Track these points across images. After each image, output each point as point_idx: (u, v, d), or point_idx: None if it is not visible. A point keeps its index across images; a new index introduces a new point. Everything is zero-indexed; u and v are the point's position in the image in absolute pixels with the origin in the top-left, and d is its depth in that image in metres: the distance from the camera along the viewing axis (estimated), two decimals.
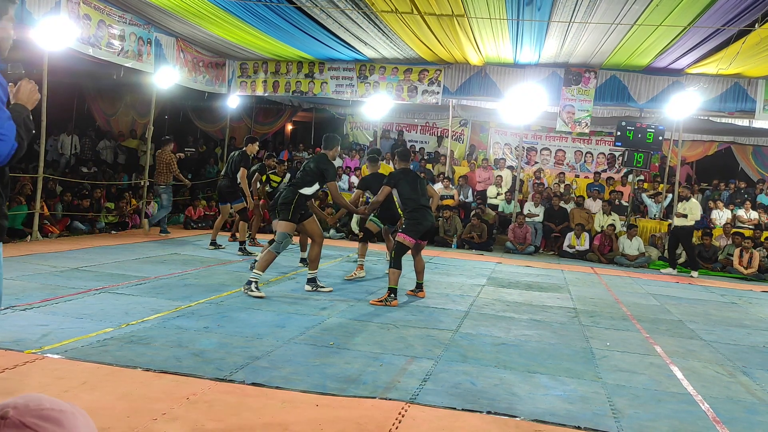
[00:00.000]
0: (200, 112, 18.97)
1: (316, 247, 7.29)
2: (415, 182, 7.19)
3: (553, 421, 3.68)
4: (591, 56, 12.82)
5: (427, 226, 7.11)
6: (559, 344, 5.61)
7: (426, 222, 7.07)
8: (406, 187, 7.10)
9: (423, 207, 7.09)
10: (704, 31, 10.24)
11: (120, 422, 3.19)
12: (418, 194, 7.10)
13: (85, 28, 10.38)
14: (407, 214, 7.12)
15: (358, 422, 3.44)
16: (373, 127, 17.94)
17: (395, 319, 6.13)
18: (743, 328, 7.13)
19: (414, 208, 7.04)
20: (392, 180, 7.20)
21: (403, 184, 7.11)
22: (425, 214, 7.08)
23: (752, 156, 17.42)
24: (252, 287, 6.71)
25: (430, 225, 7.19)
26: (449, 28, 11.22)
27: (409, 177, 7.21)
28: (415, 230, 7.00)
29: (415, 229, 7.00)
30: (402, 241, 6.98)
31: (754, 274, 12.05)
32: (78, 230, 11.23)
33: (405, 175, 7.20)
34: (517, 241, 13.48)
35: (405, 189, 7.10)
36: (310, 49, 14.01)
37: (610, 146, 16.82)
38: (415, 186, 7.13)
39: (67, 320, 5.16)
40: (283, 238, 6.88)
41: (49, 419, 0.90)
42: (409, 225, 7.05)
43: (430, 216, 7.16)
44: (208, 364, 4.26)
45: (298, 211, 6.99)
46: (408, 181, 7.13)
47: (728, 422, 3.89)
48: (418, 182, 7.23)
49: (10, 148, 2.47)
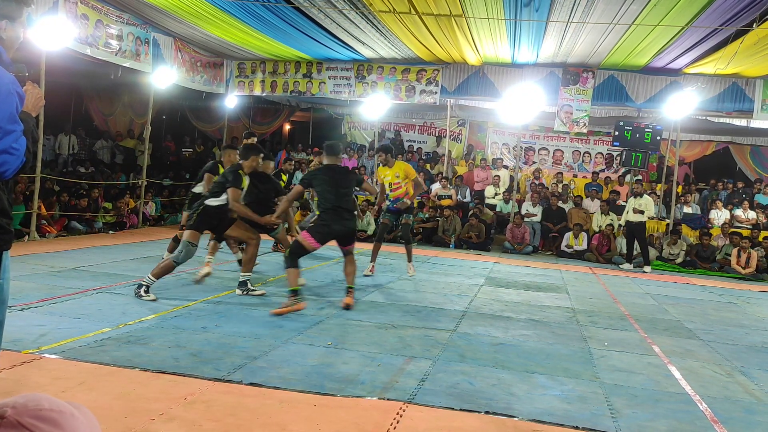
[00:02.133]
0: (198, 111, 18.97)
1: (251, 248, 6.89)
2: (339, 181, 6.50)
3: (551, 421, 3.67)
4: (589, 56, 12.83)
5: (336, 230, 6.41)
6: (557, 344, 5.61)
7: (335, 226, 6.38)
8: (323, 185, 6.48)
9: (337, 209, 6.39)
10: (702, 31, 10.25)
11: (117, 422, 3.18)
12: (335, 194, 6.41)
13: (82, 28, 10.36)
14: (320, 215, 6.63)
15: (356, 422, 3.44)
16: (371, 127, 17.93)
17: (393, 319, 6.13)
18: (741, 328, 7.14)
19: (326, 208, 6.44)
20: (306, 179, 6.68)
21: (320, 182, 6.50)
22: (337, 216, 6.38)
23: (750, 156, 17.45)
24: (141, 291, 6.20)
25: (341, 230, 6.44)
26: (447, 28, 11.22)
27: (330, 174, 6.53)
28: (320, 233, 6.37)
29: (320, 231, 6.38)
30: (302, 241, 6.30)
31: (752, 273, 12.06)
32: (76, 230, 11.22)
33: (326, 173, 6.55)
34: (515, 241, 13.49)
35: (321, 188, 6.50)
36: (308, 49, 14.00)
37: (608, 146, 16.85)
38: (335, 184, 6.44)
39: (65, 320, 5.15)
40: (184, 246, 6.35)
41: (47, 420, 0.89)
42: (316, 226, 6.52)
43: (344, 220, 6.43)
44: (205, 364, 4.25)
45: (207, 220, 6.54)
46: (327, 180, 6.48)
47: (726, 422, 3.89)
48: (341, 180, 6.53)
49: (20, 162, 2.48)
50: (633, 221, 12.19)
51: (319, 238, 6.34)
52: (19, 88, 2.50)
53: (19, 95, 2.49)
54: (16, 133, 2.44)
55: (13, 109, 2.44)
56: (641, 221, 12.18)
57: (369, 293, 7.39)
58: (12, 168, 2.47)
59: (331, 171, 6.57)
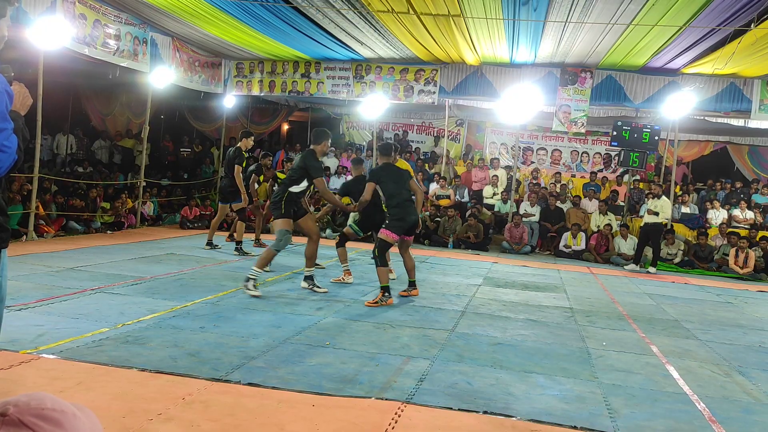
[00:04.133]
0: (196, 111, 18.95)
1: (312, 244, 7.30)
2: (398, 177, 7.13)
3: (550, 420, 3.68)
4: (587, 56, 12.84)
5: (411, 221, 7.02)
6: (555, 344, 5.62)
7: (409, 218, 6.99)
8: (389, 182, 7.04)
9: (406, 202, 7.02)
10: (700, 31, 10.26)
11: (115, 422, 3.18)
12: (401, 189, 7.04)
13: (80, 28, 10.35)
14: (390, 210, 7.07)
15: (355, 422, 3.44)
16: (370, 127, 17.92)
17: (391, 319, 6.13)
18: (739, 328, 7.15)
19: (397, 203, 6.98)
20: (375, 176, 7.17)
21: (386, 179, 7.06)
22: (408, 209, 7.01)
23: (748, 156, 17.48)
24: (249, 285, 6.71)
25: (414, 220, 7.08)
26: (445, 27, 11.22)
27: (391, 172, 7.15)
28: (398, 226, 6.93)
29: (398, 224, 6.93)
30: (385, 238, 6.91)
31: (749, 273, 12.08)
32: (74, 230, 11.21)
33: (387, 170, 7.16)
34: (513, 241, 13.49)
35: (388, 184, 7.04)
36: (307, 49, 13.99)
37: (606, 146, 16.87)
38: (398, 181, 7.07)
39: (63, 320, 5.15)
40: (282, 235, 6.87)
41: (49, 419, 0.89)
42: (392, 221, 6.98)
43: (413, 211, 7.08)
44: (204, 364, 4.25)
45: (291, 208, 6.99)
46: (390, 176, 7.08)
47: (724, 422, 3.89)
48: (401, 177, 7.15)
49: (12, 160, 2.49)
50: (649, 222, 12.10)
51: (398, 230, 6.94)
52: (8, 86, 2.51)
53: (9, 94, 2.50)
54: (7, 131, 2.45)
55: (3, 107, 2.45)
56: (657, 223, 12.05)
57: (367, 293, 7.38)
58: (4, 166, 2.47)
59: (391, 169, 7.21)
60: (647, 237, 12.20)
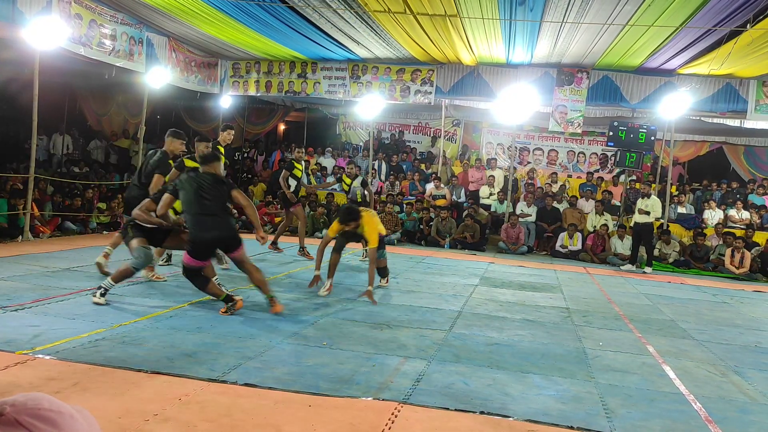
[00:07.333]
0: (192, 111, 18.92)
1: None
2: (200, 186, 5.77)
3: (546, 420, 3.68)
4: (583, 56, 12.86)
5: (204, 238, 5.74)
6: (551, 344, 5.62)
7: (204, 235, 5.73)
8: (185, 194, 5.82)
9: (201, 215, 5.73)
10: (696, 32, 10.29)
11: (112, 423, 3.17)
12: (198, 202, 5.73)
13: (76, 28, 10.33)
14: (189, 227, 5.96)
15: (351, 423, 3.43)
16: (366, 127, 17.92)
17: (388, 319, 6.13)
18: (735, 328, 7.16)
19: (190, 220, 5.85)
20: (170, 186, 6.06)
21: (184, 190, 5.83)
22: (203, 224, 5.74)
23: (744, 156, 17.52)
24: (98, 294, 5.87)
25: (209, 238, 5.76)
26: (442, 28, 11.23)
27: (193, 180, 5.84)
28: (192, 249, 5.82)
29: (192, 248, 5.83)
30: (186, 264, 5.86)
31: (745, 273, 12.11)
32: (69, 230, 11.17)
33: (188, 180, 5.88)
34: (509, 241, 13.50)
35: (183, 196, 5.84)
36: (303, 49, 13.99)
37: (602, 146, 16.89)
38: (198, 190, 5.76)
39: (59, 321, 5.13)
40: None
41: (46, 420, 0.89)
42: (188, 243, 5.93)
43: (211, 227, 5.73)
44: (200, 364, 4.24)
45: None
46: (189, 186, 5.81)
47: (720, 422, 3.90)
48: (204, 186, 5.78)
49: None
50: (639, 222, 12.12)
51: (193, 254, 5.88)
52: None
53: None
54: None
55: None
56: (647, 222, 12.08)
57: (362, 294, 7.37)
58: None
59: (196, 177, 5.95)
60: (639, 236, 12.25)
